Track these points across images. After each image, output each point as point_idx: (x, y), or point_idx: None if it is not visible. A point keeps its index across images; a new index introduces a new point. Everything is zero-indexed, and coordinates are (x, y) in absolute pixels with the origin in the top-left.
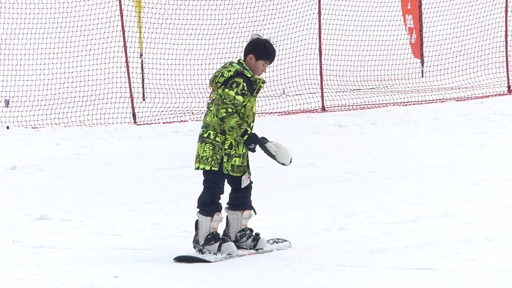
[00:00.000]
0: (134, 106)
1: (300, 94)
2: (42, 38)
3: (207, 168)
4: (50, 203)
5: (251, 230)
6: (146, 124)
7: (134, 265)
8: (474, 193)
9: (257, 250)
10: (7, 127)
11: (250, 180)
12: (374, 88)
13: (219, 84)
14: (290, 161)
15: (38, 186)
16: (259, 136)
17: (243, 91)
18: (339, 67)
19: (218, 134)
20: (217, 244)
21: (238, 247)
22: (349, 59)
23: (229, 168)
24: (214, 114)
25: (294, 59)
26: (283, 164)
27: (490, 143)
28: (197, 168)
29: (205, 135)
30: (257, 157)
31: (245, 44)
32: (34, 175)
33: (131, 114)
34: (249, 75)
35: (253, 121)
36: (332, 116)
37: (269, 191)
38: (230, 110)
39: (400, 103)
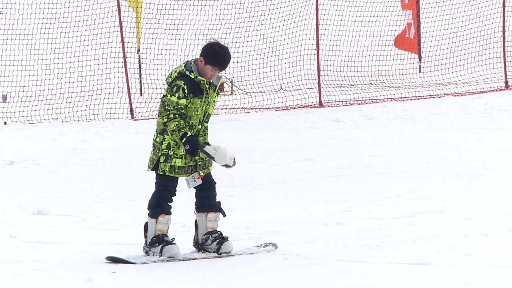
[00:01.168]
0: (132, 101)
1: (297, 90)
2: (40, 33)
3: (147, 169)
4: (47, 198)
5: (220, 233)
6: (143, 119)
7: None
8: (471, 188)
9: (220, 254)
10: (5, 123)
11: (213, 181)
12: (371, 84)
13: (168, 84)
14: (234, 162)
15: (35, 181)
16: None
17: (184, 94)
18: (337, 63)
19: (158, 135)
20: (160, 246)
21: (204, 250)
22: (346, 55)
23: (166, 169)
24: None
25: (291, 55)
26: (226, 166)
27: (487, 138)
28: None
29: (154, 137)
30: (255, 154)
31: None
32: (31, 170)
33: (129, 109)
34: (193, 76)
35: (206, 122)
36: (329, 111)
37: (266, 186)
38: (171, 116)
39: (398, 98)
